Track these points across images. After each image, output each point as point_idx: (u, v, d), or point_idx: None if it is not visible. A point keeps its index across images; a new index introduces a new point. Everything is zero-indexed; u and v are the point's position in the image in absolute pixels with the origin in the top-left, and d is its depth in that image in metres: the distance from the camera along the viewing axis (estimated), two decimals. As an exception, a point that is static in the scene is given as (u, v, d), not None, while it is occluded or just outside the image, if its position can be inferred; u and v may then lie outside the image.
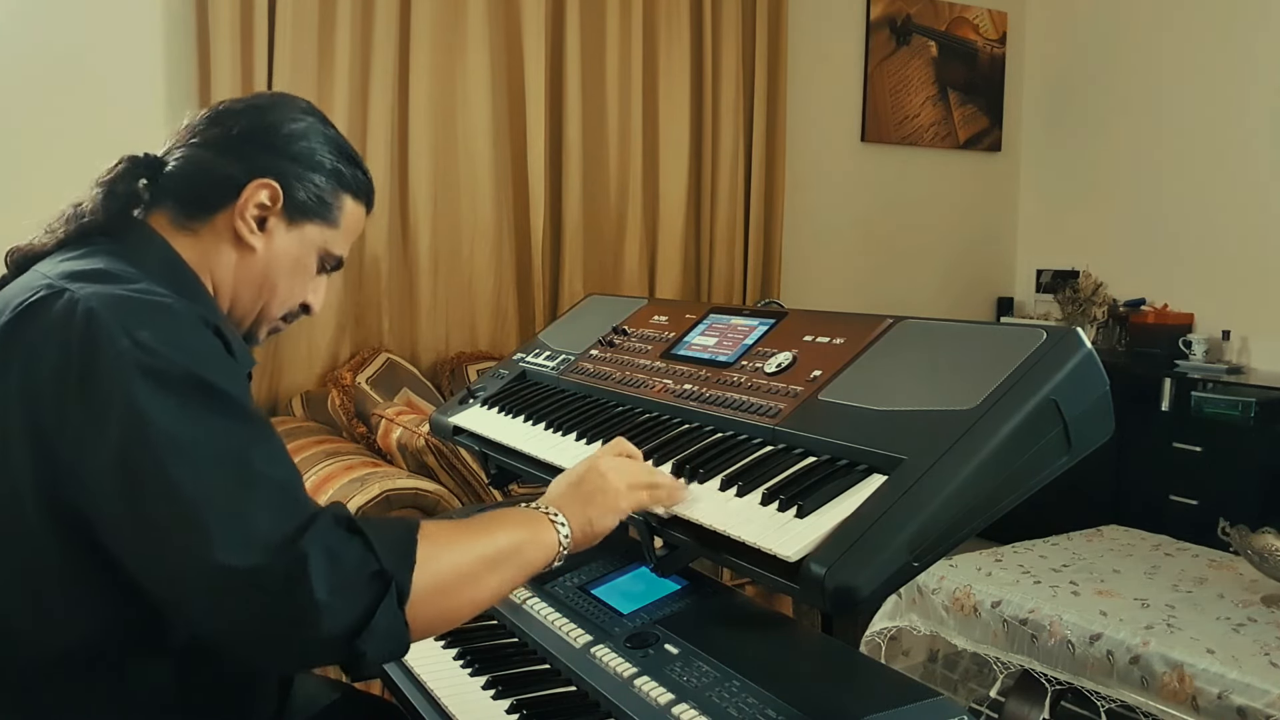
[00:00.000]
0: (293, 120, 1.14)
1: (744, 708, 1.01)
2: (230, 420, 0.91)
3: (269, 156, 1.11)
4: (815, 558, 0.96)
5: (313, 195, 1.13)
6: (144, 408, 0.88)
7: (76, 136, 2.87)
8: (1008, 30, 4.82)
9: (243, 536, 0.85)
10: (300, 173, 1.13)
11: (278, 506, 0.87)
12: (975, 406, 1.03)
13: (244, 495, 0.87)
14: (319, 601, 0.84)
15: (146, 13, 3.02)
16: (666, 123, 3.82)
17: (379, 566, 0.88)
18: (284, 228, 1.13)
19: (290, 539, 0.85)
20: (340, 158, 1.16)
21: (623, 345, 1.64)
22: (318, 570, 0.84)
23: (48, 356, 0.92)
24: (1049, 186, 4.86)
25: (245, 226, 1.11)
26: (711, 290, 3.98)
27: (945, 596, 2.40)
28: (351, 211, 1.19)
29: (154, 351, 0.90)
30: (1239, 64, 4.06)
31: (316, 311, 1.23)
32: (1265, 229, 3.98)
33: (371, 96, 3.27)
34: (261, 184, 1.10)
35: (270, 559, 0.84)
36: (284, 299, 1.17)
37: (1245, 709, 1.85)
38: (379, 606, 0.87)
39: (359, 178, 1.19)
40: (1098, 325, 4.39)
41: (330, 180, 1.15)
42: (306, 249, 1.15)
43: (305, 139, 1.14)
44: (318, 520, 0.88)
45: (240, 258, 1.12)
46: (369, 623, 0.86)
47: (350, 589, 0.86)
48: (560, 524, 1.07)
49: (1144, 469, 3.83)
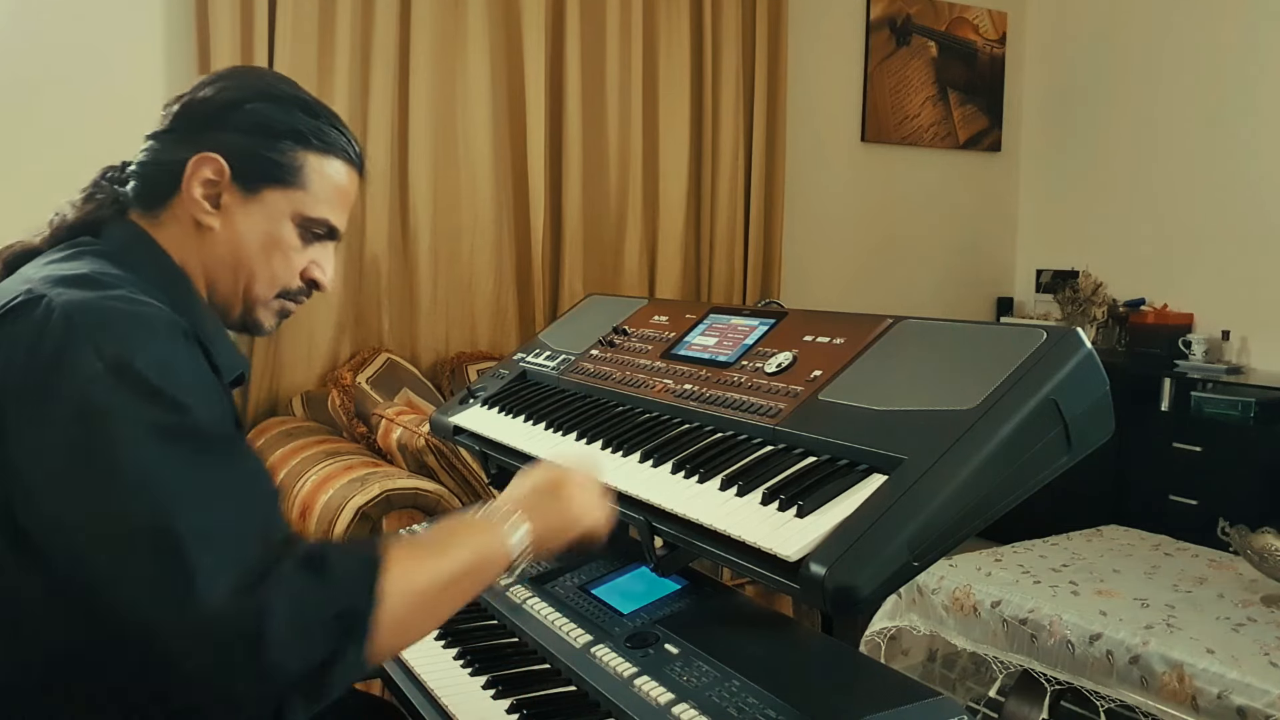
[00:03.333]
0: (237, 89, 1.10)
1: (744, 708, 1.01)
2: (192, 450, 0.87)
3: (209, 131, 1.07)
4: (815, 557, 0.96)
5: (264, 159, 1.08)
6: (102, 427, 0.85)
7: (76, 135, 2.87)
8: (1008, 30, 4.82)
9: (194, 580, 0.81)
10: (246, 141, 1.07)
11: (233, 551, 0.83)
12: (975, 406, 1.03)
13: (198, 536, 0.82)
14: (277, 652, 0.81)
15: (146, 12, 3.02)
16: (666, 123, 3.82)
17: (342, 607, 0.86)
18: (240, 200, 1.08)
19: (248, 587, 0.82)
20: (296, 114, 1.10)
21: (623, 345, 1.64)
22: (279, 617, 0.81)
23: (17, 364, 0.90)
24: (1049, 186, 4.86)
25: (197, 206, 1.07)
26: (711, 290, 3.98)
27: (945, 596, 2.40)
28: (321, 169, 1.11)
29: (121, 370, 0.87)
30: (1239, 64, 4.06)
31: (327, 286, 1.16)
32: (1265, 229, 3.98)
33: (371, 96, 3.27)
34: (201, 159, 1.06)
35: (224, 608, 0.81)
36: (268, 277, 1.11)
37: (1245, 709, 1.85)
38: (343, 647, 0.86)
39: (322, 131, 1.11)
40: (1098, 325, 4.39)
41: (285, 140, 1.08)
42: (274, 219, 1.09)
43: (248, 103, 1.08)
44: (280, 565, 0.84)
45: (203, 240, 1.08)
46: (333, 663, 0.85)
47: (313, 633, 0.84)
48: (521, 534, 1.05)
49: (1144, 469, 3.83)
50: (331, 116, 1.14)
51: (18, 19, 2.86)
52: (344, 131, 1.15)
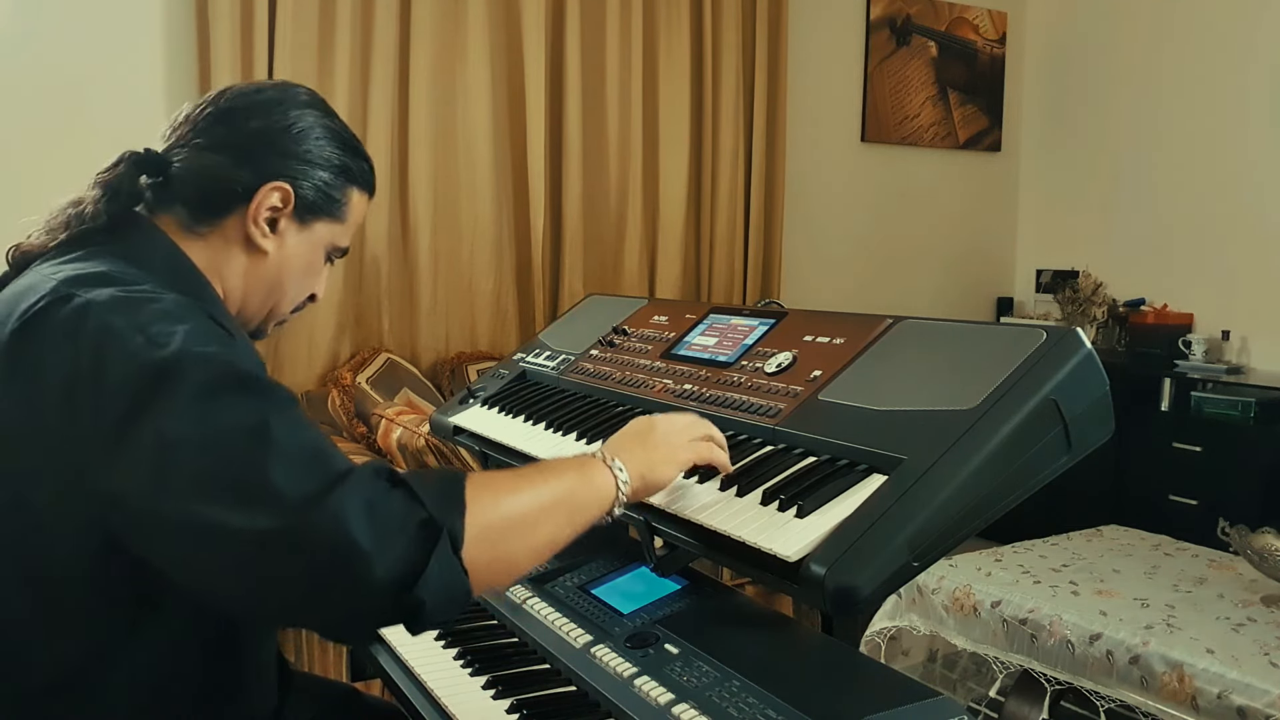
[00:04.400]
0: (299, 117, 1.13)
1: (744, 708, 1.01)
2: (248, 397, 0.89)
3: (277, 158, 1.10)
4: (815, 558, 0.96)
5: (322, 194, 1.13)
6: (161, 403, 0.86)
7: (76, 134, 2.87)
8: (1008, 30, 4.82)
9: (267, 499, 0.82)
10: (309, 171, 1.12)
11: (302, 467, 0.85)
12: (975, 406, 1.03)
13: (264, 461, 0.84)
14: (364, 551, 0.81)
15: (146, 11, 3.02)
16: (666, 123, 3.82)
17: (426, 514, 0.85)
18: (295, 228, 1.13)
19: (318, 496, 0.82)
20: (345, 151, 1.16)
21: (623, 345, 1.64)
22: (357, 522, 0.81)
23: (57, 365, 0.91)
24: (1049, 186, 4.86)
25: (258, 230, 1.10)
26: (711, 290, 3.98)
27: (945, 596, 2.40)
28: (357, 203, 1.19)
29: (164, 345, 0.89)
30: (1238, 64, 4.06)
31: (320, 298, 1.24)
32: (1265, 229, 3.98)
33: (371, 96, 3.27)
34: (274, 187, 1.09)
35: (299, 518, 0.82)
36: (295, 296, 1.19)
37: (1245, 709, 1.85)
38: (433, 552, 0.84)
39: (364, 169, 1.18)
40: (1098, 325, 4.39)
41: (338, 176, 1.15)
42: (316, 248, 1.16)
43: (312, 136, 1.13)
44: (352, 475, 0.85)
45: (251, 261, 1.12)
46: (424, 570, 0.83)
47: (397, 537, 0.83)
48: (618, 469, 1.05)
49: (1144, 469, 3.83)
50: (363, 149, 1.20)
51: (18, 21, 2.86)
52: (371, 164, 1.21)
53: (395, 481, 0.87)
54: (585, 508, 1.02)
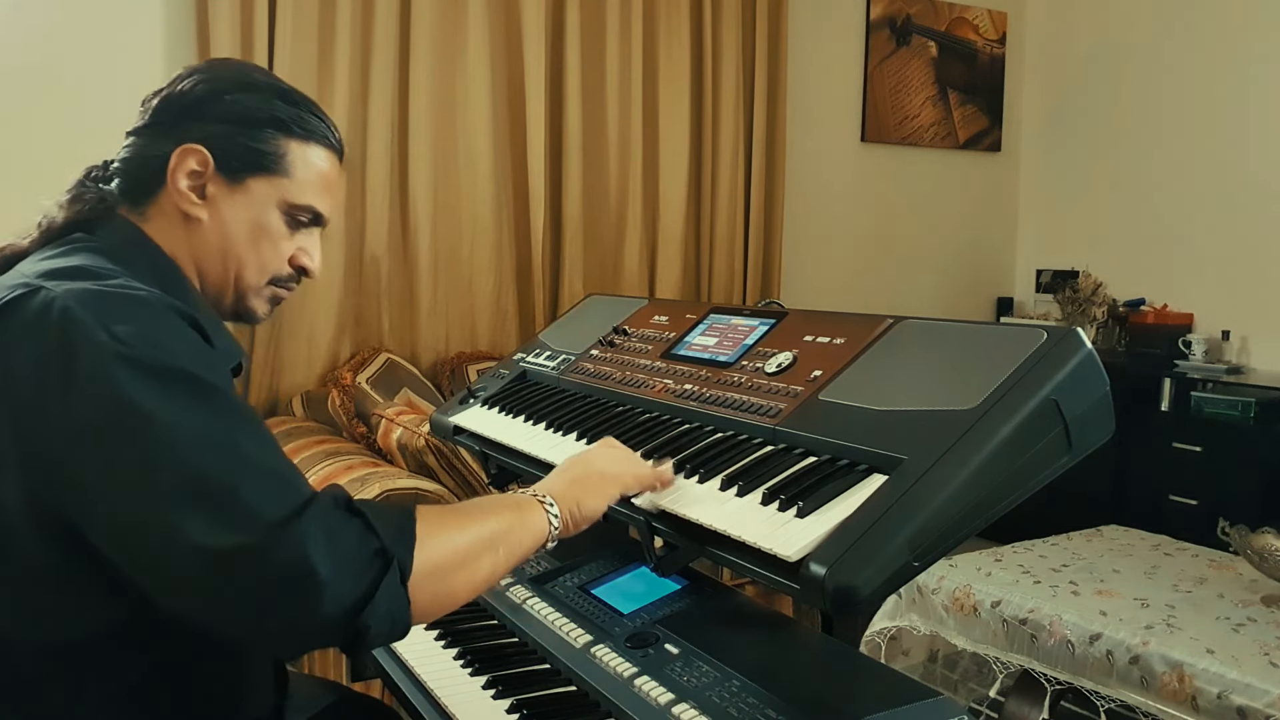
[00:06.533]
0: (213, 80, 1.12)
1: (744, 708, 1.01)
2: (214, 409, 0.90)
3: (191, 122, 1.09)
4: (815, 558, 0.95)
5: (245, 148, 1.09)
6: (127, 397, 0.87)
7: (77, 136, 2.86)
8: (1008, 30, 4.82)
9: (236, 517, 0.84)
10: (229, 130, 1.09)
11: (271, 488, 0.87)
12: (975, 406, 1.03)
13: (235, 478, 0.86)
14: (322, 580, 0.84)
15: (146, 11, 3.02)
16: (666, 123, 3.82)
17: (380, 544, 0.89)
18: (226, 190, 1.09)
19: (286, 519, 0.85)
20: (276, 104, 1.12)
21: (623, 345, 1.64)
22: (318, 551, 0.84)
23: (23, 355, 0.91)
24: (1049, 186, 4.86)
25: (183, 198, 1.09)
26: (711, 290, 3.98)
27: (945, 596, 2.40)
28: (304, 156, 1.13)
29: (132, 344, 0.89)
30: (1239, 64, 4.06)
31: (315, 273, 1.18)
32: (1265, 229, 3.98)
33: (371, 96, 3.27)
34: (184, 150, 1.08)
35: (266, 538, 0.84)
36: (257, 264, 1.13)
37: (1245, 709, 1.85)
38: (381, 583, 0.88)
39: (304, 119, 1.13)
40: (1098, 325, 4.39)
41: (266, 129, 1.10)
42: (260, 207, 1.11)
43: (227, 94, 1.10)
44: (316, 501, 0.88)
45: (190, 231, 1.10)
46: (371, 599, 0.87)
47: (352, 566, 0.87)
48: (549, 505, 1.09)
49: (1144, 469, 3.83)
50: (310, 104, 1.16)
51: (18, 20, 2.86)
52: (323, 118, 1.17)
53: (353, 511, 0.91)
54: (521, 545, 1.06)
